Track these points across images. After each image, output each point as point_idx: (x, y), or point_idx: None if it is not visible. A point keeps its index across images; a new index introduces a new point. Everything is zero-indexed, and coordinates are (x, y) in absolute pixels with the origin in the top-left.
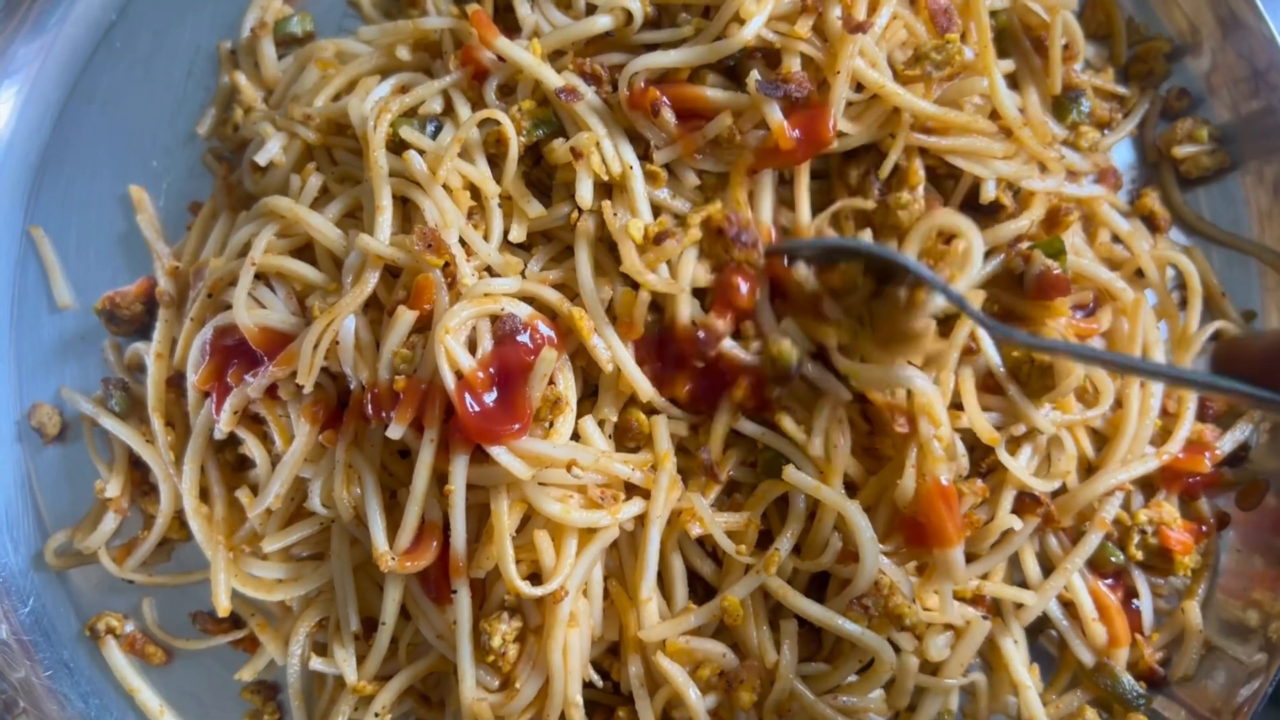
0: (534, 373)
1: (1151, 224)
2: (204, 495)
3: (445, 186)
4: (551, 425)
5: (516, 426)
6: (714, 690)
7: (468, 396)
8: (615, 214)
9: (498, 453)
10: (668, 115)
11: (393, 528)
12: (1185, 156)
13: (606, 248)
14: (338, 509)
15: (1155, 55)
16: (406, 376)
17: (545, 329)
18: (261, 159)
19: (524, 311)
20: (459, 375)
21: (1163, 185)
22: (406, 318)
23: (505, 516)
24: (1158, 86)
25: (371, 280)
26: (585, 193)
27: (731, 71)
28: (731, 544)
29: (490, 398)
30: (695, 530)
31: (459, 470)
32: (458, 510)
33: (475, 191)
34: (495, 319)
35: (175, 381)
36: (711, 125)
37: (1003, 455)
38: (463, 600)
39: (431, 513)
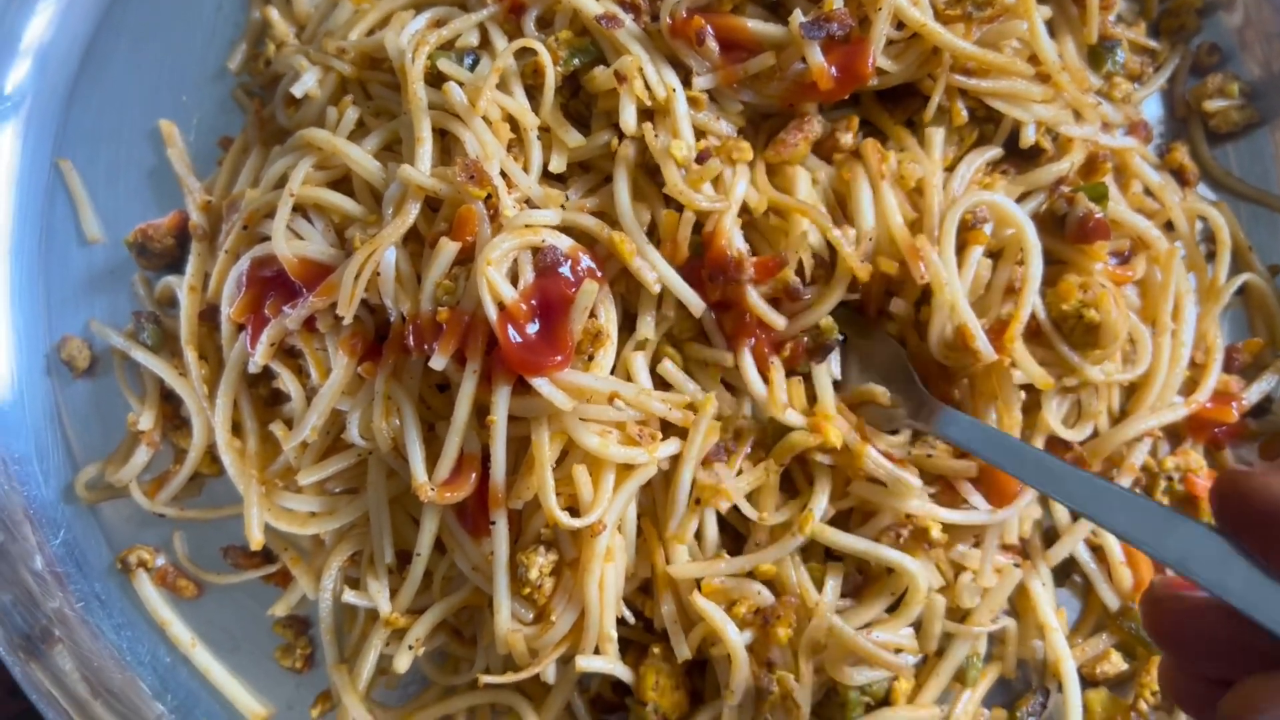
0: (575, 305)
1: (1180, 178)
2: (236, 429)
3: (485, 118)
4: (592, 358)
5: (559, 358)
6: (750, 626)
7: (510, 328)
8: (657, 136)
9: (540, 384)
10: (712, 44)
11: (431, 460)
12: (1215, 111)
13: (646, 173)
14: (376, 440)
15: (1187, 10)
16: (449, 308)
17: (587, 260)
18: (298, 91)
19: (565, 243)
20: (501, 306)
21: (1191, 140)
22: (449, 249)
23: (546, 447)
24: (1188, 41)
25: (413, 211)
26: (629, 118)
27: (773, 5)
28: (754, 511)
29: (532, 329)
30: (724, 505)
31: (501, 401)
32: (499, 441)
33: (514, 124)
34: (536, 251)
35: (207, 315)
36: (753, 62)
37: (1048, 412)
38: (501, 531)
39: (470, 445)
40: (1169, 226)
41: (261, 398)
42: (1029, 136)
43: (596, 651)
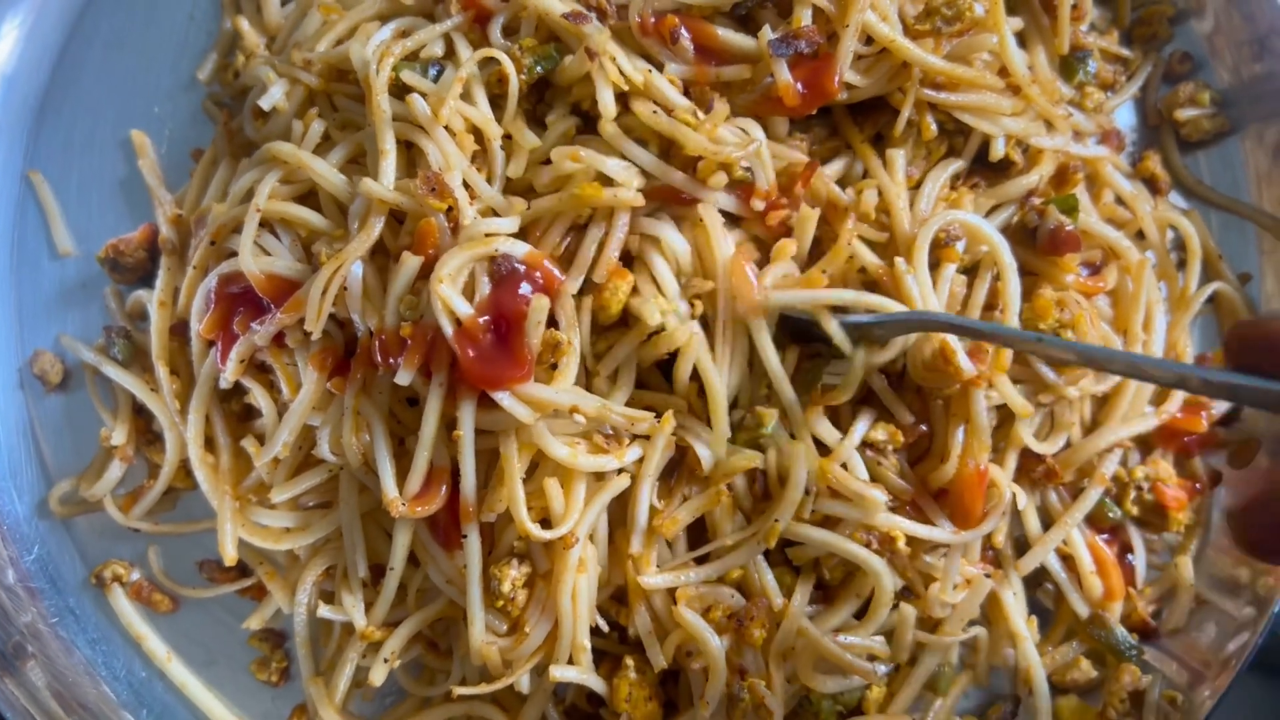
0: (529, 320)
1: (1153, 186)
2: (209, 445)
3: (448, 129)
4: (555, 367)
5: (519, 373)
6: (726, 631)
7: (468, 343)
8: (655, 111)
9: (502, 398)
10: (686, 43)
11: (401, 474)
12: (1186, 120)
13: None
14: (347, 456)
15: (1159, 19)
16: (412, 323)
17: (547, 264)
18: (265, 104)
19: (521, 250)
20: (458, 323)
21: (1163, 148)
22: (411, 264)
23: (515, 460)
24: (1160, 50)
25: (377, 225)
26: (608, 100)
27: (743, 19)
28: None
29: (492, 342)
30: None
31: (466, 416)
32: (466, 455)
33: (479, 135)
34: (492, 260)
35: (178, 329)
36: (728, 70)
37: (1022, 427)
38: (473, 544)
39: (439, 458)
40: (1140, 235)
41: (234, 413)
42: (998, 150)
43: (571, 662)
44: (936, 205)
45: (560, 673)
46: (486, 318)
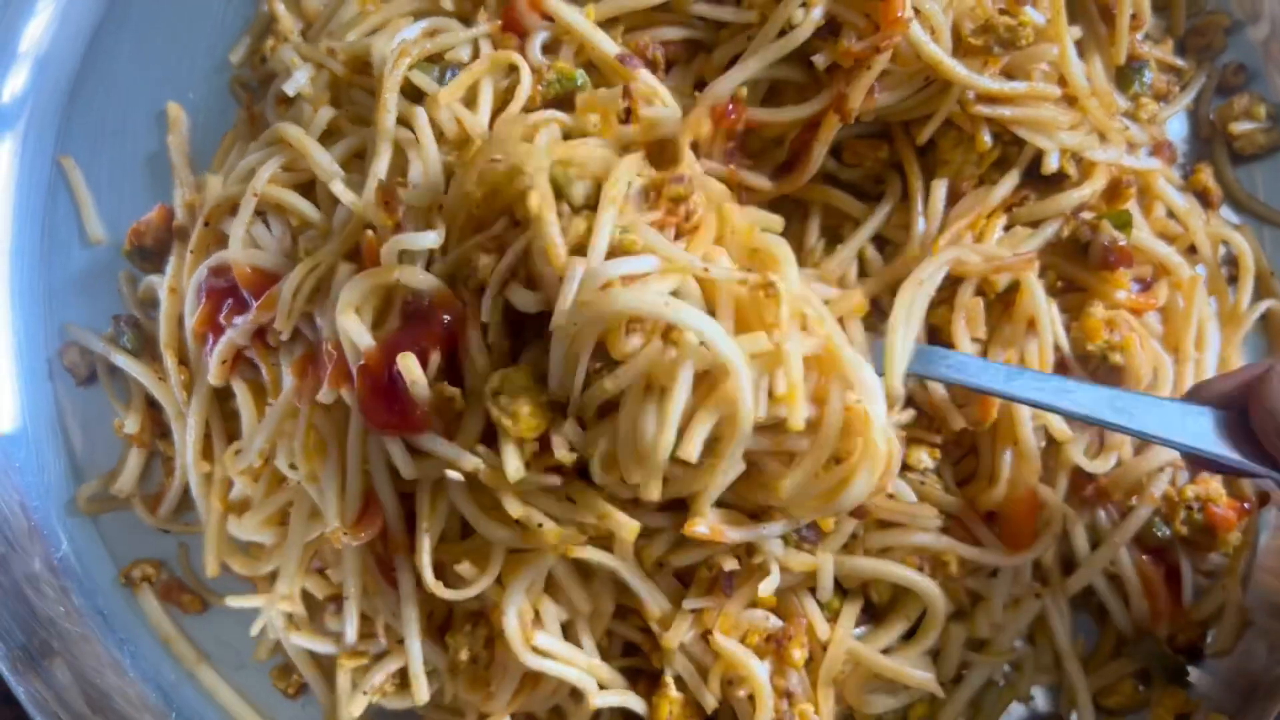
0: (405, 380)
1: (1204, 200)
2: (211, 447)
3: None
4: (461, 415)
5: (407, 423)
6: (766, 655)
7: (369, 379)
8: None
9: (390, 444)
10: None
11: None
12: (1240, 134)
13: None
14: (299, 471)
15: (1214, 28)
16: (333, 341)
17: (458, 305)
18: (290, 89)
19: (428, 284)
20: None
21: (1215, 161)
22: (340, 276)
23: (426, 508)
24: (1215, 60)
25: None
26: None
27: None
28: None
29: (388, 384)
30: None
31: (374, 450)
32: (381, 486)
33: None
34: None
35: None
36: (751, 178)
37: (1072, 448)
38: (405, 582)
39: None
40: (1191, 250)
41: (234, 413)
42: (1052, 164)
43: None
44: (962, 234)
45: (601, 700)
46: (390, 354)
